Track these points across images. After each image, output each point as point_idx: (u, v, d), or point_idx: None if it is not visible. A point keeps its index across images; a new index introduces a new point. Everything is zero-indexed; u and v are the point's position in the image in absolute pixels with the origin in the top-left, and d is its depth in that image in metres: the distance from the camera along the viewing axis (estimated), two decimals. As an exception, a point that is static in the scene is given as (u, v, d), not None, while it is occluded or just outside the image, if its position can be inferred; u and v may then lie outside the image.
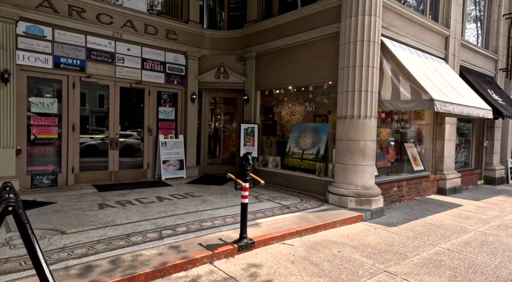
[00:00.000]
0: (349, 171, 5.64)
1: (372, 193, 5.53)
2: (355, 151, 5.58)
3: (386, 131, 7.85)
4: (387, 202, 6.42)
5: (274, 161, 7.82)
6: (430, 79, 6.13)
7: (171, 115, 8.00)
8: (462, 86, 7.19)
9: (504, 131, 10.51)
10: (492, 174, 9.96)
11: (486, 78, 9.53)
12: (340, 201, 5.62)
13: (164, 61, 7.74)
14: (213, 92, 8.53)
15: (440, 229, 5.01)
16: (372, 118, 5.60)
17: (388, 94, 5.87)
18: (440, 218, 5.70)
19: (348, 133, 5.66)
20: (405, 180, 6.86)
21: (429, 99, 5.29)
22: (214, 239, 3.72)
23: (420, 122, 8.23)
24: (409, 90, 5.59)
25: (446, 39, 7.82)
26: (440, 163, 7.90)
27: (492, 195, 8.14)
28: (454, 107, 5.79)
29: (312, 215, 4.99)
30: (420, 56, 6.91)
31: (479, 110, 6.57)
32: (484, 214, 6.14)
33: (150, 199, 5.56)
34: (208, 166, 8.57)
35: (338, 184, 5.74)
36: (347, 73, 5.66)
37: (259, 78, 7.95)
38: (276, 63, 7.49)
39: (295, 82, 7.09)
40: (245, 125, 7.54)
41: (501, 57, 10.04)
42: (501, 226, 5.35)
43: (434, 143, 8.01)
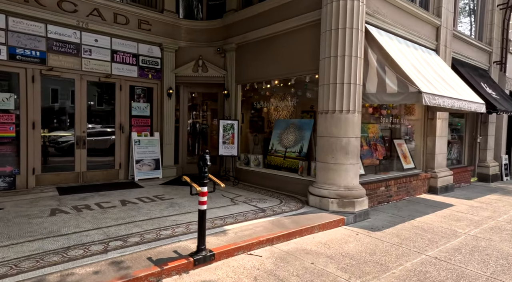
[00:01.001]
0: (330, 170, 5.19)
1: (355, 194, 5.09)
2: (337, 148, 5.13)
3: (375, 128, 7.42)
4: (373, 202, 5.99)
5: (256, 159, 7.35)
6: (419, 71, 5.68)
7: (145, 111, 7.48)
8: (453, 78, 6.77)
9: (498, 126, 10.13)
10: (485, 170, 9.59)
11: (479, 71, 9.12)
12: (321, 203, 5.18)
13: (137, 54, 7.21)
14: (192, 86, 8.02)
15: (428, 233, 4.59)
16: (355, 113, 5.15)
17: (374, 87, 5.42)
18: (429, 220, 5.28)
19: (329, 130, 5.20)
20: (393, 179, 6.44)
21: (417, 91, 4.84)
22: (169, 251, 3.25)
23: (410, 117, 7.80)
24: (396, 82, 5.14)
25: (437, 29, 7.38)
26: (431, 160, 7.49)
27: (486, 193, 7.76)
28: (444, 101, 5.36)
29: (288, 219, 4.53)
30: (409, 47, 6.46)
31: (471, 104, 6.14)
32: (476, 214, 5.74)
33: (113, 203, 5.07)
34: (188, 165, 8.08)
35: (320, 185, 5.30)
36: (329, 64, 5.19)
37: (240, 72, 7.46)
38: (257, 55, 7.00)
39: (277, 76, 6.61)
40: (224, 122, 7.05)
41: (495, 49, 9.63)
42: (494, 229, 4.95)
43: (425, 139, 7.60)
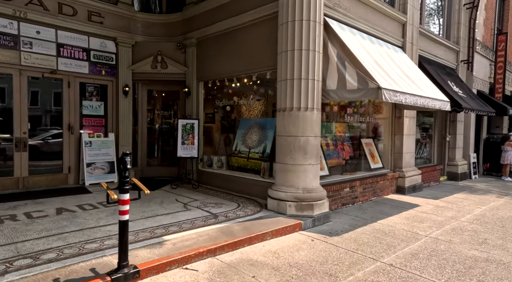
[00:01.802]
0: (289, 172, 4.88)
1: (314, 196, 4.79)
2: (295, 148, 4.82)
3: (342, 127, 7.20)
4: (337, 204, 5.74)
5: (219, 161, 6.95)
6: (381, 67, 5.48)
7: (99, 110, 6.93)
8: (419, 76, 6.64)
9: (467, 125, 10.22)
10: (454, 169, 9.62)
11: (447, 69, 9.13)
12: (279, 206, 4.85)
13: (87, 48, 6.65)
14: (151, 84, 7.53)
15: (388, 237, 4.35)
16: (314, 110, 4.86)
17: (334, 83, 5.16)
18: (392, 222, 5.06)
19: (287, 129, 4.89)
20: (358, 180, 6.21)
21: (376, 87, 4.61)
22: (85, 269, 2.80)
23: (378, 116, 7.65)
24: (356, 78, 4.89)
25: (403, 26, 7.26)
26: (399, 159, 7.35)
27: (453, 192, 7.72)
28: (406, 98, 5.17)
29: (240, 226, 4.17)
30: (374, 43, 6.27)
31: (435, 101, 6.01)
32: (441, 215, 5.59)
33: (47, 211, 4.53)
34: (148, 168, 7.57)
35: (278, 187, 4.97)
36: (286, 58, 4.88)
37: (201, 68, 7.05)
38: (218, 51, 6.62)
39: (238, 72, 6.24)
40: (183, 122, 6.62)
41: (462, 48, 9.70)
42: (456, 230, 4.78)
43: (392, 138, 7.46)
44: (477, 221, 5.31)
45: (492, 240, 4.41)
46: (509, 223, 5.23)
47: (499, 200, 7.01)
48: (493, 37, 11.31)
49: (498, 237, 4.53)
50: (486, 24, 10.90)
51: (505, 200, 7.02)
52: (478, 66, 10.48)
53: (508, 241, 4.37)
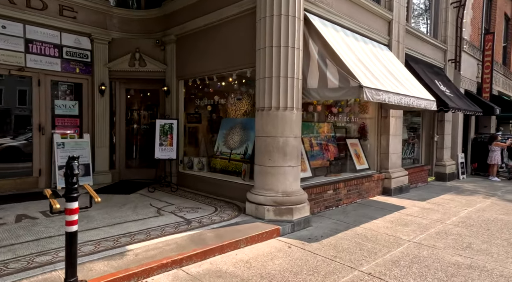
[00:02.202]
0: (268, 174, 4.64)
1: (294, 200, 4.57)
2: (273, 149, 4.59)
3: (327, 126, 7.01)
4: (320, 207, 5.53)
5: (200, 162, 6.69)
6: (365, 66, 5.29)
7: (73, 110, 6.59)
8: (404, 75, 6.48)
9: (454, 125, 10.15)
10: (442, 169, 9.53)
11: (434, 69, 9.03)
12: (257, 211, 4.62)
13: (59, 44, 6.31)
14: (129, 83, 7.21)
15: (369, 243, 4.15)
16: (294, 110, 4.64)
17: (315, 81, 4.94)
18: (375, 226, 4.87)
19: (265, 129, 4.66)
20: (342, 181, 6.02)
21: (358, 86, 4.41)
22: (27, 286, 2.52)
23: (364, 116, 7.48)
24: (337, 76, 4.68)
25: (389, 23, 7.10)
26: (385, 160, 7.19)
27: (440, 193, 7.59)
28: (390, 97, 4.99)
29: (213, 232, 3.92)
30: (358, 41, 6.09)
31: (421, 101, 5.86)
32: (426, 217, 5.43)
33: (5, 219, 4.21)
34: (127, 170, 7.26)
35: (257, 190, 4.74)
36: (264, 55, 4.64)
37: (181, 66, 6.77)
38: (198, 48, 6.35)
39: (218, 70, 5.99)
40: (162, 122, 6.33)
41: (450, 47, 9.61)
42: (440, 233, 4.61)
43: (379, 138, 7.29)
44: (462, 223, 5.16)
45: (477, 244, 4.25)
46: (494, 225, 5.10)
47: (485, 201, 6.90)
48: (480, 36, 11.29)
49: (483, 240, 4.38)
50: (474, 23, 10.86)
51: (492, 201, 6.92)
52: (466, 65, 10.43)
53: (492, 245, 4.22)
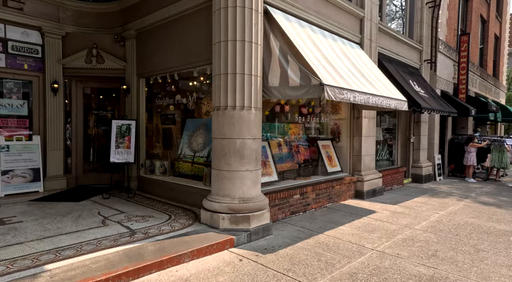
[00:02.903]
0: (224, 179, 4.29)
1: (252, 206, 4.23)
2: (230, 152, 4.24)
3: (297, 127, 6.72)
4: (285, 213, 5.21)
5: (162, 166, 6.27)
6: (331, 63, 5.02)
7: (21, 110, 6.06)
8: (375, 74, 6.27)
9: (431, 126, 10.07)
10: (419, 171, 9.42)
11: (410, 69, 8.91)
12: (212, 219, 4.25)
13: (4, 38, 5.78)
14: (86, 81, 6.73)
15: (329, 252, 3.85)
16: (252, 109, 4.30)
17: (276, 79, 4.63)
18: (340, 233, 4.59)
19: (221, 130, 4.30)
20: (311, 185, 5.73)
21: (318, 84, 4.12)
22: None
23: (337, 116, 7.24)
24: (299, 74, 4.38)
25: (361, 21, 6.89)
26: (358, 162, 6.96)
27: (414, 196, 7.42)
28: (356, 96, 4.72)
29: (156, 245, 3.53)
30: (327, 38, 5.83)
31: (390, 100, 5.63)
32: (395, 222, 5.19)
33: None
34: (84, 175, 6.76)
35: (212, 197, 4.37)
36: (219, 50, 4.30)
37: (142, 63, 6.34)
38: (158, 43, 5.95)
39: (179, 67, 5.60)
40: (118, 123, 5.88)
41: (425, 47, 9.53)
42: (407, 240, 4.36)
43: (351, 139, 7.06)
44: (431, 228, 4.94)
45: (443, 251, 4.01)
46: (463, 230, 4.90)
47: (458, 203, 6.76)
48: (456, 37, 11.30)
49: (450, 247, 4.15)
50: (449, 24, 10.85)
51: (464, 203, 6.78)
52: (442, 66, 10.40)
53: (459, 252, 4.00)
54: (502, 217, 5.76)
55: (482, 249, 4.12)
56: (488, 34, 15.21)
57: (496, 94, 17.05)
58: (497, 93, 17.26)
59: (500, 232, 4.89)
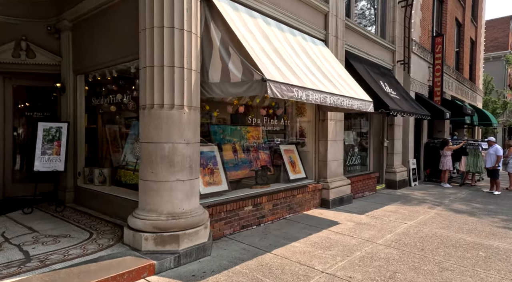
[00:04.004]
0: (150, 191, 3.62)
1: (183, 223, 3.57)
2: (157, 159, 3.58)
3: (256, 131, 6.14)
4: (234, 228, 4.58)
5: (101, 175, 5.53)
6: (283, 58, 4.46)
7: None
8: (339, 73, 5.77)
9: (405, 129, 9.71)
10: (393, 176, 8.99)
11: (381, 70, 8.51)
12: (134, 239, 3.57)
13: None
14: (16, 78, 5.94)
15: (270, 278, 3.23)
16: (185, 108, 3.67)
17: (218, 74, 4.03)
18: (291, 251, 3.99)
19: (147, 133, 3.65)
20: (266, 195, 5.12)
21: (260, 79, 3.54)
22: None
23: (301, 119, 6.70)
24: (241, 68, 3.80)
25: (325, 16, 6.41)
26: (324, 168, 6.42)
27: (385, 204, 6.94)
28: (310, 94, 4.17)
29: (44, 279, 2.81)
30: (284, 31, 5.29)
31: (353, 101, 5.13)
32: (357, 236, 4.64)
33: None
34: (13, 185, 5.93)
35: (138, 212, 3.69)
36: (144, 37, 3.67)
37: (79, 58, 5.62)
38: (94, 36, 5.26)
39: (113, 61, 4.93)
40: (45, 125, 5.13)
41: (398, 48, 9.19)
42: (365, 259, 3.80)
43: (316, 144, 6.52)
44: (396, 243, 4.41)
45: (403, 272, 3.47)
46: (430, 244, 4.40)
47: (430, 211, 6.31)
48: (431, 39, 11.08)
49: (412, 267, 3.61)
50: (423, 25, 10.61)
51: (436, 211, 6.34)
52: (416, 68, 10.10)
53: (420, 273, 3.46)
54: (473, 226, 5.32)
55: (447, 268, 3.61)
56: (464, 37, 15.21)
57: (473, 98, 17.09)
58: (474, 97, 17.31)
59: (469, 245, 4.41)
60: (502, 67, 30.24)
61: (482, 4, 18.32)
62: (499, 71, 29.80)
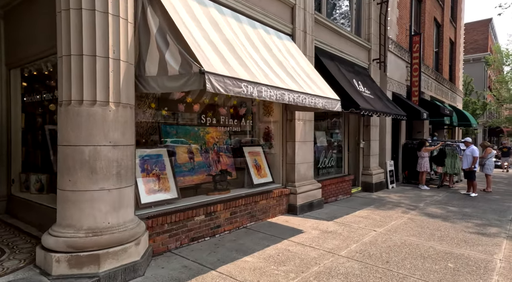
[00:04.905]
0: (68, 203, 3.07)
1: (106, 240, 3.02)
2: (75, 165, 3.03)
3: (218, 132, 5.64)
4: (181, 241, 4.06)
5: (38, 181, 4.91)
6: (235, 50, 3.99)
7: None
8: (305, 70, 5.35)
9: (382, 130, 9.42)
10: (369, 179, 8.66)
11: (356, 68, 8.18)
12: (45, 261, 3.00)
13: None
14: None
15: (203, 305, 2.74)
16: (111, 105, 3.14)
17: (155, 67, 3.51)
18: (240, 267, 3.50)
19: (65, 134, 3.09)
20: (222, 202, 4.62)
21: (198, 71, 3.05)
22: None
23: (268, 119, 6.25)
24: (179, 59, 3.30)
25: (292, 9, 6.00)
26: (292, 171, 5.98)
27: (358, 208, 6.56)
28: (263, 91, 3.71)
29: None
30: (242, 23, 4.82)
31: (317, 99, 4.71)
32: (319, 247, 4.20)
33: None
34: None
35: (53, 229, 3.12)
36: (60, 21, 3.11)
37: (13, 50, 4.99)
38: (29, 24, 4.65)
39: (42, 52, 4.36)
40: (-33, 125, 4.48)
41: (374, 46, 8.89)
42: (321, 275, 3.36)
43: (284, 145, 6.08)
44: (360, 254, 4.00)
45: (361, 292, 3.04)
46: (397, 254, 4.00)
47: (403, 216, 5.95)
48: (409, 38, 10.86)
49: (371, 286, 3.19)
50: (401, 23, 10.38)
51: (409, 216, 5.99)
52: (393, 67, 9.84)
53: (380, 293, 3.04)
54: (446, 232, 4.98)
55: (412, 286, 3.21)
56: (443, 38, 15.18)
57: (453, 98, 17.11)
58: (454, 97, 17.34)
59: (438, 254, 4.04)
60: (482, 69, 30.84)
61: (461, 6, 18.44)
62: (479, 73, 30.36)
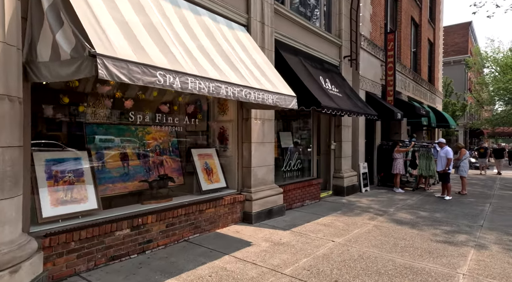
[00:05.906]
0: None
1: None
2: None
3: (162, 132, 5.03)
4: (95, 261, 3.42)
5: None
6: (161, 36, 3.41)
7: None
8: (258, 62, 4.80)
9: (355, 131, 8.99)
10: (340, 182, 8.18)
11: (325, 65, 7.72)
12: None
13: None
14: None
15: None
16: (-20, 97, 2.50)
17: (47, 51, 2.90)
18: (154, 295, 2.90)
19: None
20: (155, 213, 4.00)
21: (88, 54, 2.46)
22: None
23: (223, 118, 5.69)
24: (73, 41, 2.69)
25: (246, -3, 5.48)
26: (248, 175, 5.42)
27: (323, 215, 6.04)
28: (188, 82, 3.14)
29: None
30: (181, 7, 4.25)
31: (266, 94, 4.16)
32: (263, 263, 3.63)
33: None
34: None
35: None
36: None
37: None
38: None
39: None
40: None
41: (345, 42, 8.47)
42: (251, 303, 2.79)
43: (240, 147, 5.52)
44: (307, 271, 3.45)
45: (292, 325, 2.48)
46: (350, 271, 3.47)
47: (368, 223, 5.47)
48: (384, 36, 10.54)
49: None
50: (375, 20, 10.04)
51: (376, 223, 5.51)
52: (366, 65, 9.45)
53: (314, 326, 2.49)
54: (411, 242, 4.51)
55: (356, 313, 2.67)
56: (422, 38, 15.02)
57: (432, 100, 16.98)
58: (434, 99, 17.22)
59: (397, 269, 3.55)
60: (463, 71, 31.26)
61: (440, 7, 18.44)
62: (459, 75, 30.75)
